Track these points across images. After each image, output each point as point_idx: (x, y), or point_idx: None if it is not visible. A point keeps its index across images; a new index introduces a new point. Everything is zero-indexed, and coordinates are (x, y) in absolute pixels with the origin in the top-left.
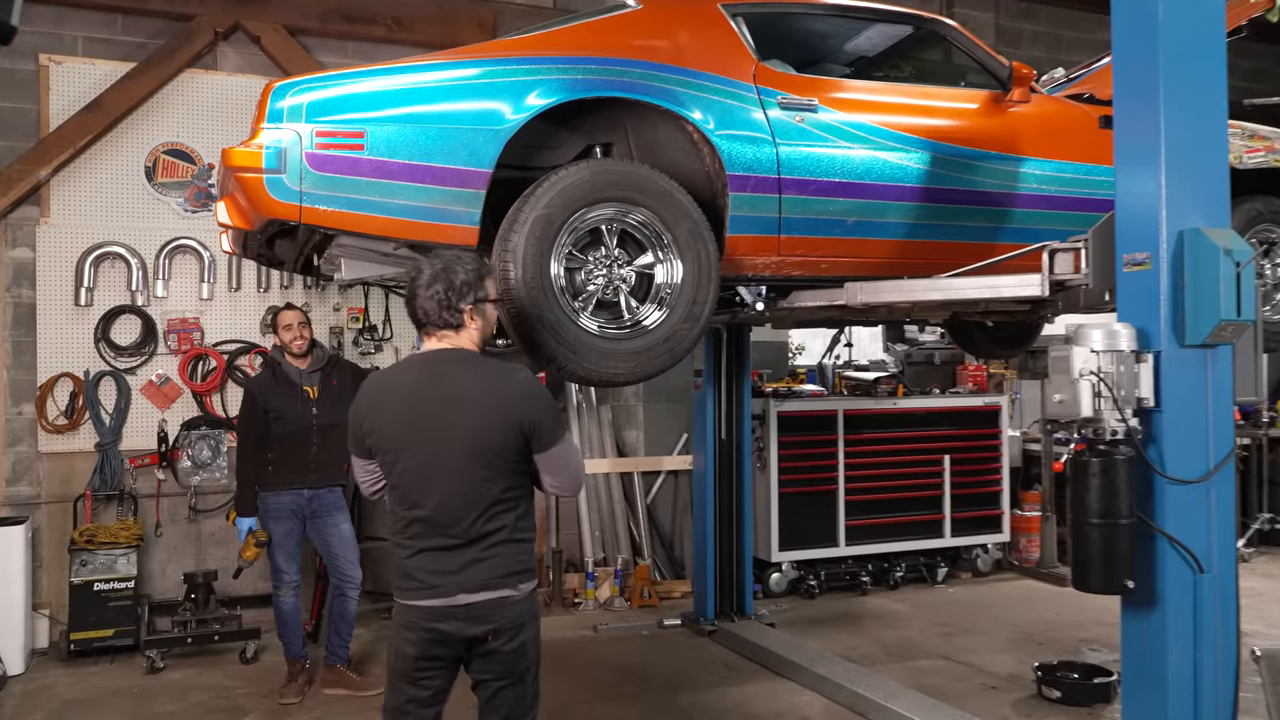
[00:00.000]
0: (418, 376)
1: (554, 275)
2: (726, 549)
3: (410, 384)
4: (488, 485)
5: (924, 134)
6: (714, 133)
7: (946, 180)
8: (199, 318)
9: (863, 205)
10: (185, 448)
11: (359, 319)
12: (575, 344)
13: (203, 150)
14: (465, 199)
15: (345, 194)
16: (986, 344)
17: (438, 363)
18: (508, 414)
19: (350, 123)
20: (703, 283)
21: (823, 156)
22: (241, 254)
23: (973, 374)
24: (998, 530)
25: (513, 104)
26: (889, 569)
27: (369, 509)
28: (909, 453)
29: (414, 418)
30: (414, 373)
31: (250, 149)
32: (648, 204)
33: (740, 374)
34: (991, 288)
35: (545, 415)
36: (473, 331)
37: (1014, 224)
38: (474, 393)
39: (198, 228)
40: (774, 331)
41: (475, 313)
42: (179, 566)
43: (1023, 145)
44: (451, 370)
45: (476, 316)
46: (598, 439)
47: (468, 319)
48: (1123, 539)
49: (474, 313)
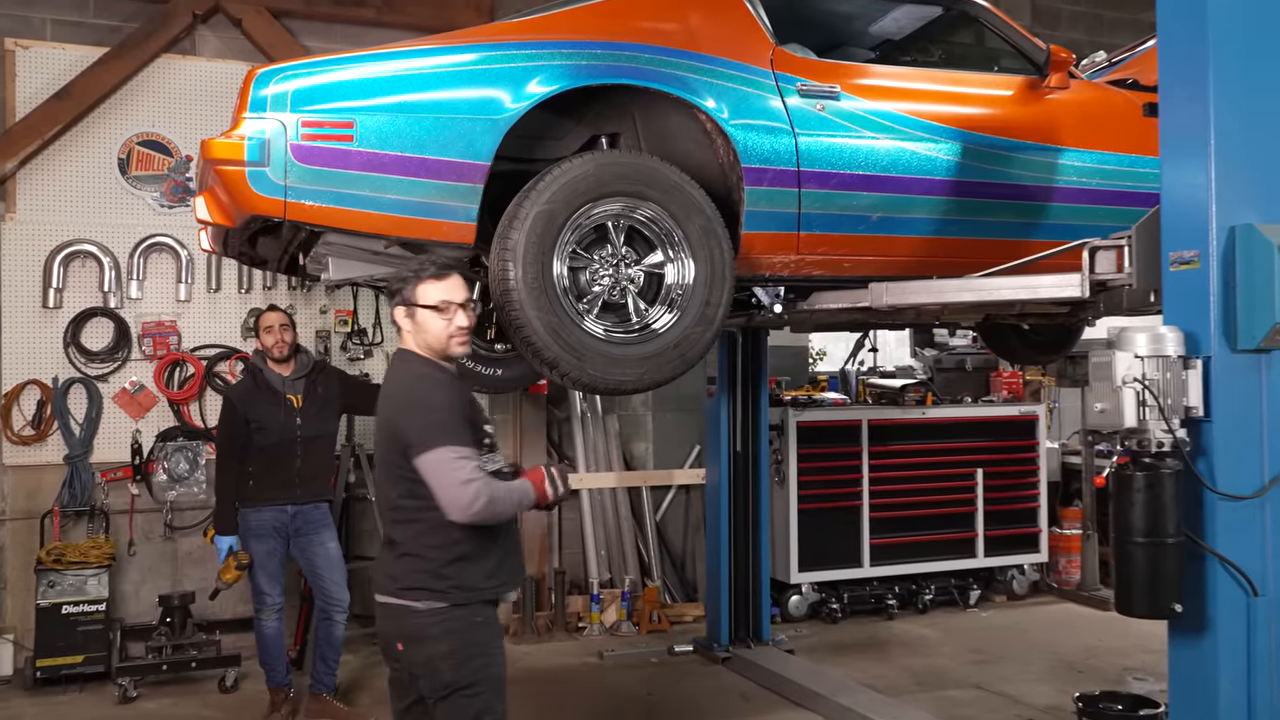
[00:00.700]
0: None
1: (556, 275)
2: (742, 570)
3: None
4: (387, 489)
5: (954, 123)
6: (728, 122)
7: (979, 173)
8: (176, 321)
9: (889, 200)
10: (161, 460)
11: (348, 322)
12: (579, 349)
13: (180, 141)
14: (461, 193)
15: (333, 188)
16: (1022, 349)
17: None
18: (387, 416)
19: (338, 112)
20: (716, 283)
21: (845, 147)
22: (222, 253)
23: (1007, 381)
24: (1035, 550)
25: (512, 92)
26: (917, 591)
27: (355, 527)
28: (939, 466)
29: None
30: None
31: (231, 140)
32: (657, 199)
33: (757, 381)
34: (1028, 288)
35: (408, 420)
36: (406, 335)
37: (1052, 220)
38: (384, 395)
39: (175, 224)
40: (793, 336)
41: (408, 314)
42: (154, 588)
43: (1061, 135)
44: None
45: (409, 320)
46: (603, 451)
47: (399, 321)
48: (1170, 559)
49: (407, 314)
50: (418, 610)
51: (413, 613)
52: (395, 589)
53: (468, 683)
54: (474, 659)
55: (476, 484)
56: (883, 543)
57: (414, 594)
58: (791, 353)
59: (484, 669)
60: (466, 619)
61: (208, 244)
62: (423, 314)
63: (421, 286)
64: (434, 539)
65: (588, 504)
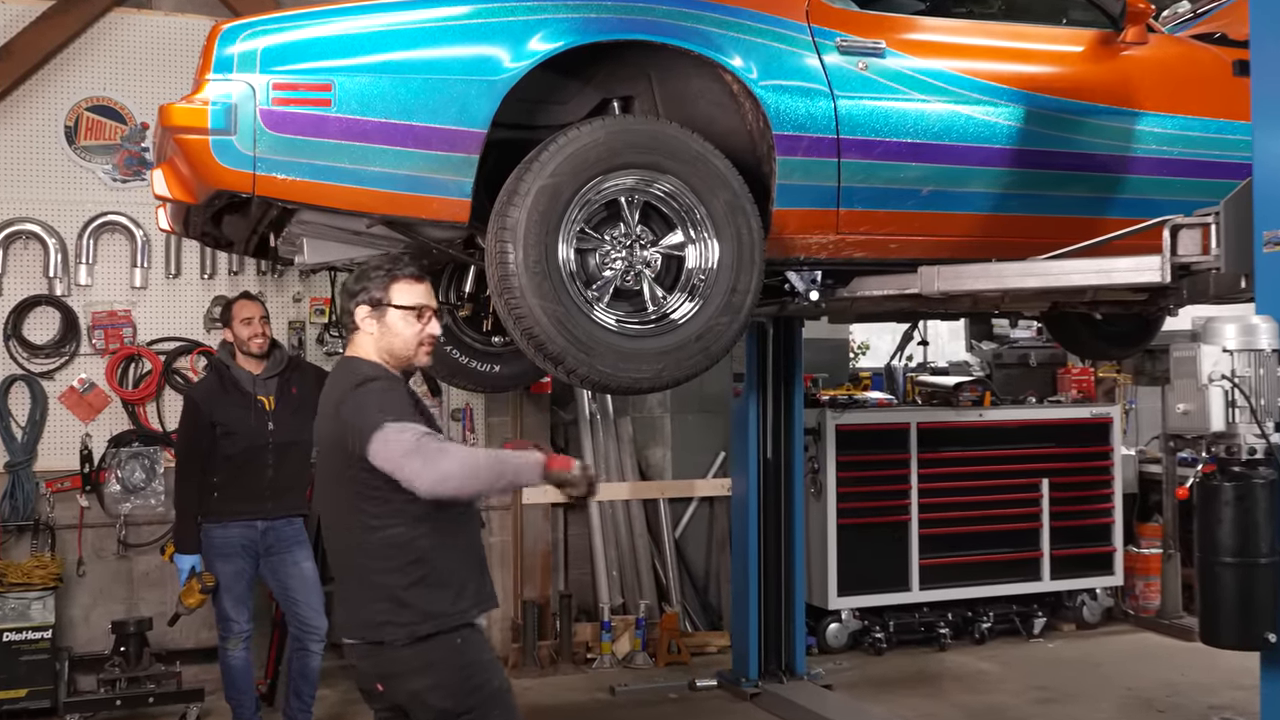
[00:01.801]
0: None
1: (562, 258)
2: (773, 594)
3: None
4: (334, 511)
5: (1017, 83)
6: (758, 83)
7: (1044, 140)
8: (130, 310)
9: (941, 171)
10: (114, 468)
11: (324, 312)
12: (588, 342)
13: (135, 107)
14: (454, 165)
15: (308, 159)
16: (1094, 342)
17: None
18: (330, 426)
19: (315, 73)
20: (744, 267)
21: (892, 112)
22: (182, 233)
23: (1077, 379)
24: (1108, 571)
25: (511, 49)
26: (973, 619)
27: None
28: (998, 476)
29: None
30: None
31: (193, 105)
32: (677, 171)
33: (790, 379)
34: (1100, 272)
35: (353, 417)
36: (361, 339)
37: (1128, 194)
38: (325, 404)
39: (129, 201)
40: (831, 327)
41: (373, 315)
42: (106, 613)
43: (1138, 97)
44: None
45: (372, 320)
46: (615, 458)
47: (360, 321)
48: (1263, 582)
49: (373, 314)
50: (389, 645)
51: (385, 649)
52: (358, 626)
53: (467, 708)
54: (468, 681)
55: (434, 441)
56: (934, 563)
57: (380, 629)
58: (830, 346)
59: (480, 689)
60: (445, 645)
61: (166, 223)
62: (394, 315)
63: (397, 286)
64: (387, 562)
65: (598, 519)
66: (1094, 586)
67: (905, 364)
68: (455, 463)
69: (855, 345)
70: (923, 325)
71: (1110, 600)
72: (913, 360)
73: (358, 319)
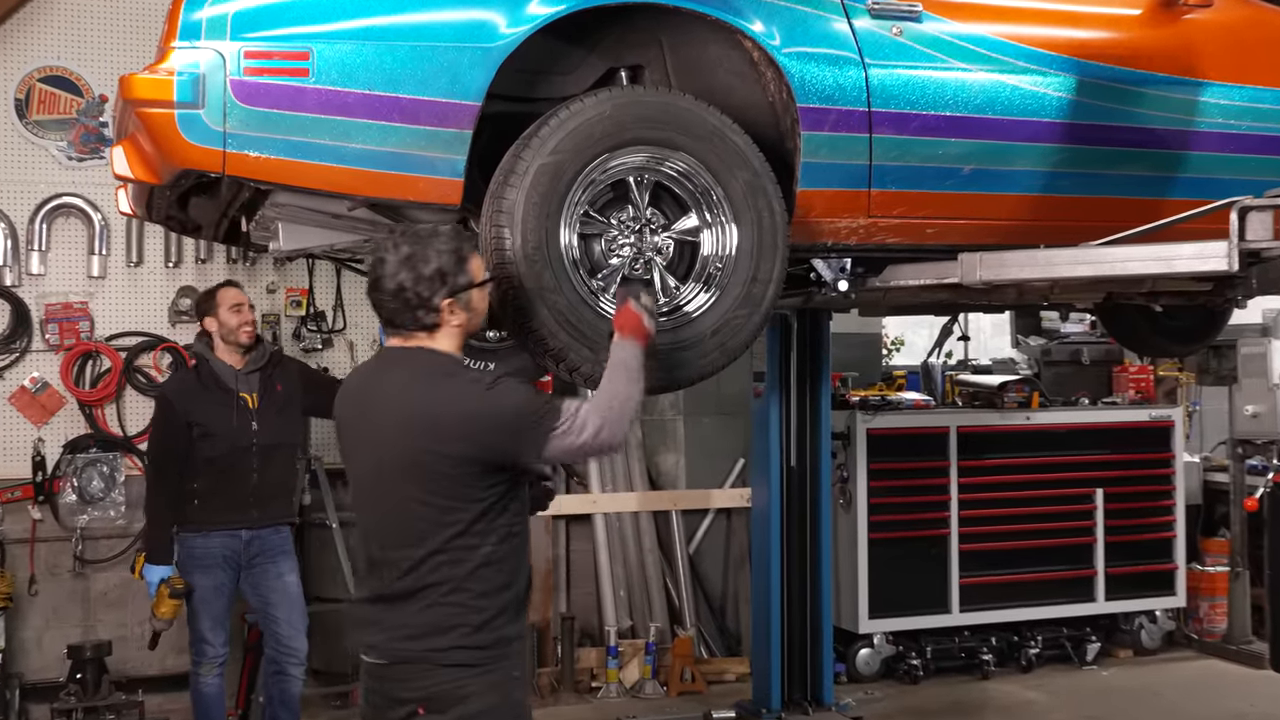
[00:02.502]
0: (368, 379)
1: (564, 244)
2: (798, 616)
3: (359, 388)
4: (428, 527)
5: (1068, 50)
6: (780, 51)
7: (1098, 113)
8: (87, 302)
9: (984, 148)
10: (69, 477)
11: (301, 303)
12: (593, 337)
13: (93, 78)
14: (445, 141)
15: (284, 135)
16: (1153, 337)
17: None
18: (464, 436)
19: (291, 39)
20: (765, 254)
21: (929, 82)
22: (145, 217)
23: (1134, 378)
24: (1169, 591)
25: (508, 13)
26: (1020, 644)
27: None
28: (1047, 485)
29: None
30: (368, 373)
31: (157, 76)
32: (691, 148)
33: (816, 378)
34: (1160, 260)
35: (507, 438)
36: (448, 331)
37: (1191, 172)
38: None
39: (86, 181)
40: (862, 321)
41: (457, 306)
42: (61, 636)
43: (1203, 65)
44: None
45: (458, 310)
46: (623, 466)
47: (446, 315)
48: None
49: (454, 306)
50: (451, 665)
51: (443, 669)
52: (413, 640)
53: None
54: (514, 710)
55: (583, 404)
56: (976, 582)
57: (447, 653)
58: (860, 342)
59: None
60: (508, 672)
61: (127, 206)
62: (477, 295)
63: (474, 263)
64: (480, 584)
65: (603, 533)
66: (1153, 608)
67: (944, 362)
68: (626, 400)
69: (888, 341)
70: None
71: (1171, 623)
72: (952, 357)
73: (444, 314)
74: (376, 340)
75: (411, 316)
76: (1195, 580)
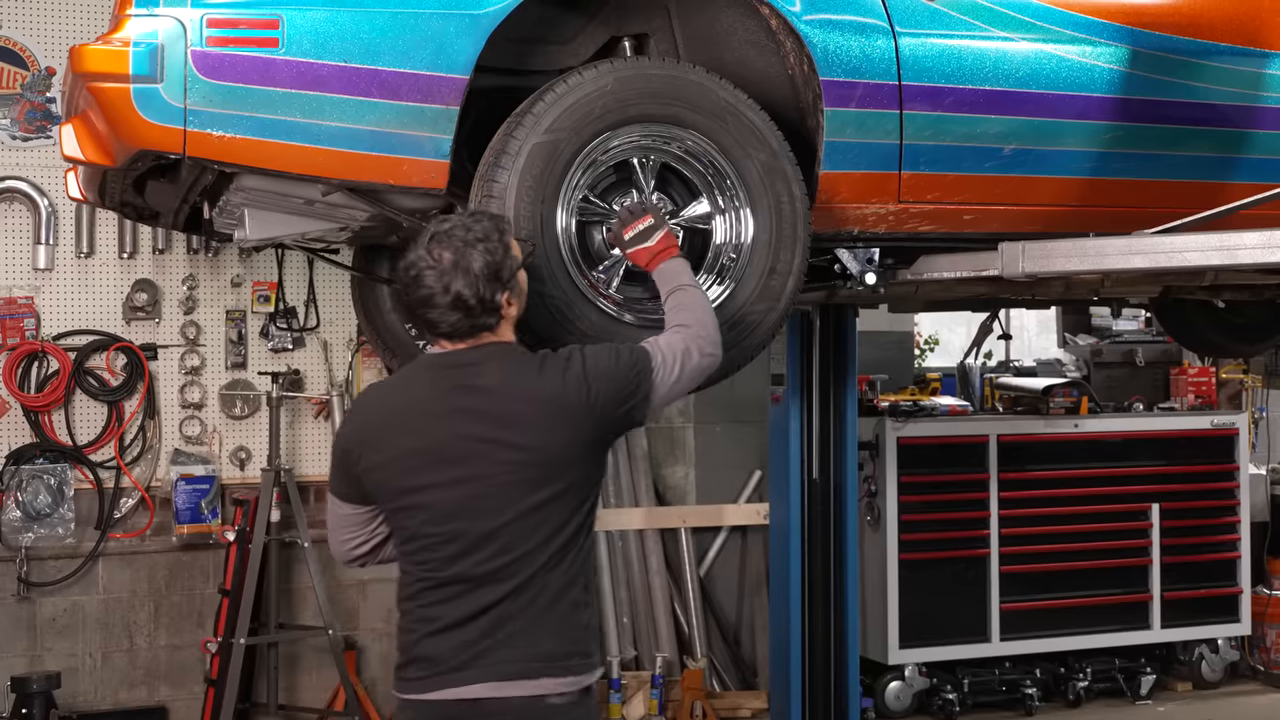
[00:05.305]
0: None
1: (561, 231)
2: (821, 645)
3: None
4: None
5: (1120, 18)
6: (801, 18)
7: (1155, 88)
8: (33, 298)
9: (1027, 125)
10: (13, 490)
11: (270, 298)
12: (593, 333)
13: (39, 49)
14: (429, 119)
15: (251, 112)
16: (1215, 336)
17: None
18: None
19: (259, 6)
20: (784, 243)
21: (966, 52)
22: (97, 202)
23: (1195, 381)
24: (1233, 618)
25: None
26: (1067, 676)
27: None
28: (1098, 500)
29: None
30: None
31: (111, 47)
32: (701, 126)
33: (841, 381)
34: (1223, 250)
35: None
36: (512, 317)
37: (1256, 153)
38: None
39: (31, 163)
40: (892, 318)
41: (512, 295)
42: (4, 667)
43: (1270, 34)
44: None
45: (514, 300)
46: (627, 479)
47: (506, 307)
48: None
49: (511, 296)
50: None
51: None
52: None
53: None
54: None
55: (661, 341)
56: (1018, 607)
57: (591, 659)
58: (890, 341)
59: None
60: (595, 694)
61: (77, 191)
62: (524, 279)
63: (515, 244)
64: (578, 588)
65: (605, 553)
66: (1215, 636)
67: (982, 363)
68: (701, 310)
69: (921, 340)
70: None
71: (1235, 653)
72: (992, 358)
73: (504, 307)
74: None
75: (475, 324)
76: (1261, 605)
